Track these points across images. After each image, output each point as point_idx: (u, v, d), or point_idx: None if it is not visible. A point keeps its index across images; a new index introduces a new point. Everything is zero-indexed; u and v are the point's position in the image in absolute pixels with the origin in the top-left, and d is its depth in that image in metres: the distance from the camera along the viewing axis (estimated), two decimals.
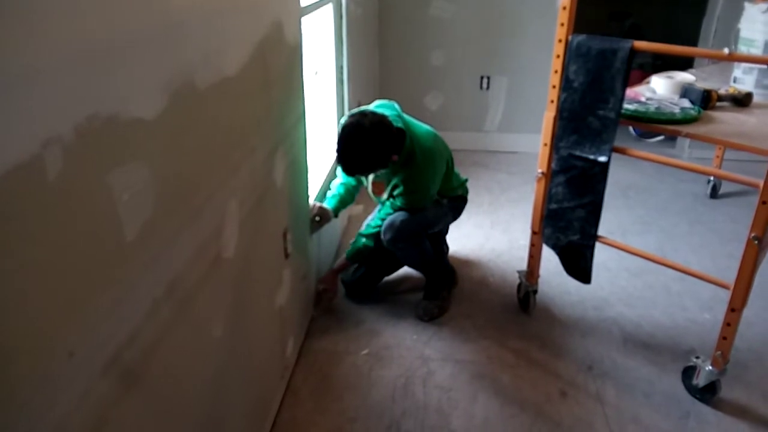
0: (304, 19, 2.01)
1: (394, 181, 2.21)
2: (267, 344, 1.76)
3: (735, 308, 1.77)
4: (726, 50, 1.65)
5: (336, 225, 2.78)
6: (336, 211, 2.33)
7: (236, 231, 1.38)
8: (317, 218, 2.25)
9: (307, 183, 2.12)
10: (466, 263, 2.72)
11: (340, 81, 2.84)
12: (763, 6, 2.23)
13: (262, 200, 1.59)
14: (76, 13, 0.75)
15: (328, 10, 2.64)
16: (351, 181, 2.37)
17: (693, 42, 3.89)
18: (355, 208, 3.18)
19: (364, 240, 2.31)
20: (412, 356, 2.11)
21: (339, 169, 2.34)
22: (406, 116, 2.22)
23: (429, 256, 2.33)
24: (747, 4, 2.37)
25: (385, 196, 2.28)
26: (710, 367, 1.86)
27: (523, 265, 2.33)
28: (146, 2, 0.92)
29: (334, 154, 2.33)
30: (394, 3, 3.86)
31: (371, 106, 2.19)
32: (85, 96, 0.78)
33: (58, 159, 0.72)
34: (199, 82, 1.13)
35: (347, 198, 2.39)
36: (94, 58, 0.79)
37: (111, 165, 0.84)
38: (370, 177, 2.28)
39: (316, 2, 2.31)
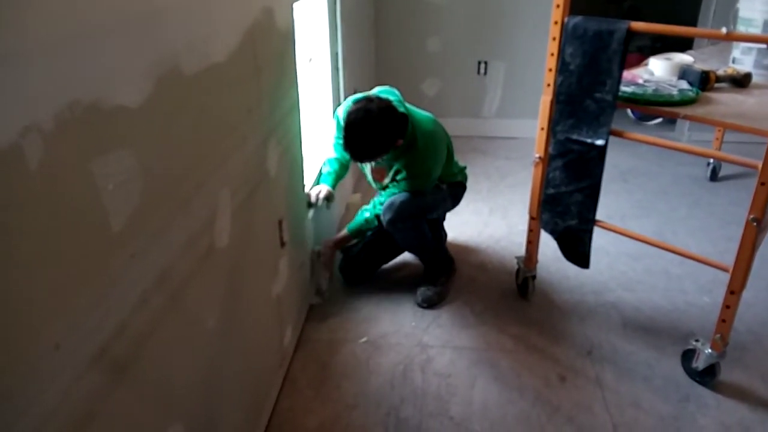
0: (297, 5, 1.98)
1: (395, 167, 2.19)
2: (264, 334, 1.75)
3: (734, 291, 1.76)
4: (724, 29, 1.62)
5: (334, 213, 2.77)
6: (334, 188, 2.34)
7: (229, 221, 1.36)
8: (327, 202, 2.27)
9: (302, 171, 2.10)
10: (465, 250, 2.71)
11: (335, 68, 2.82)
12: None
13: (256, 190, 1.57)
14: None
15: None
16: (346, 155, 2.30)
17: (692, 24, 3.85)
18: (352, 197, 3.16)
19: (367, 215, 2.30)
20: (411, 343, 2.11)
21: (334, 146, 2.32)
22: (406, 103, 2.21)
23: (427, 240, 2.32)
24: None
25: (386, 181, 2.26)
26: (709, 350, 1.85)
27: (522, 251, 2.32)
28: None
29: (333, 140, 2.31)
30: None
31: (373, 92, 2.18)
32: (65, 82, 0.76)
33: (38, 148, 0.71)
34: (186, 69, 1.11)
35: (343, 173, 2.40)
36: (74, 43, 0.77)
37: (94, 154, 0.83)
38: (371, 164, 2.27)
39: None
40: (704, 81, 2.00)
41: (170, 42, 1.05)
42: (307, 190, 2.22)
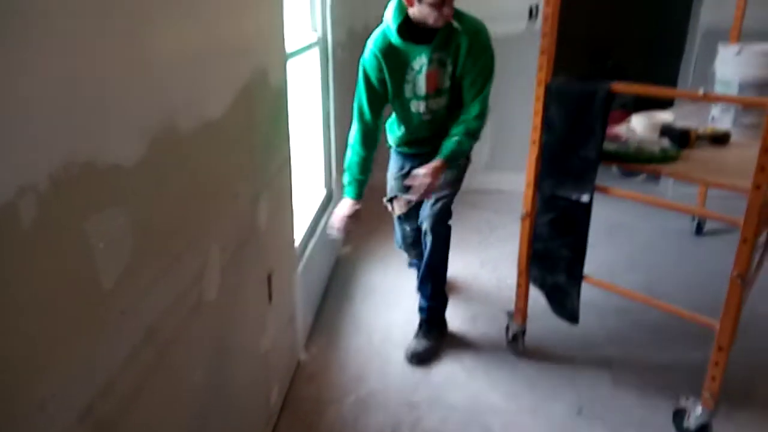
0: (291, 63, 2.04)
1: (449, 68, 2.06)
2: (251, 391, 1.72)
3: (722, 347, 1.76)
4: (701, 91, 1.69)
5: (324, 266, 2.77)
6: (361, 196, 2.24)
7: (218, 277, 1.37)
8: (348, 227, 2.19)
9: (292, 225, 2.12)
10: (455, 303, 2.70)
11: (326, 125, 2.88)
12: (735, 48, 2.30)
13: (245, 245, 1.58)
14: (54, 56, 0.75)
15: (315, 54, 2.69)
16: (362, 150, 2.24)
17: (673, 81, 3.99)
18: (343, 249, 3.17)
19: (455, 138, 2.09)
20: (399, 402, 2.07)
21: (351, 135, 2.26)
22: None
23: (447, 262, 2.36)
24: (720, 47, 2.44)
25: (444, 85, 2.10)
26: (700, 409, 1.84)
27: (512, 305, 2.32)
28: (129, 47, 0.93)
29: (355, 106, 2.24)
30: None
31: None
32: (62, 142, 0.78)
33: (32, 207, 0.72)
34: (182, 128, 1.13)
35: (364, 177, 2.26)
36: (73, 103, 0.79)
37: (88, 212, 0.84)
38: (423, 69, 2.06)
39: (303, 47, 2.36)
40: (684, 139, 2.07)
41: (168, 101, 1.08)
42: (296, 244, 2.22)
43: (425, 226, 2.26)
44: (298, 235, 2.30)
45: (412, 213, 2.32)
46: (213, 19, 1.30)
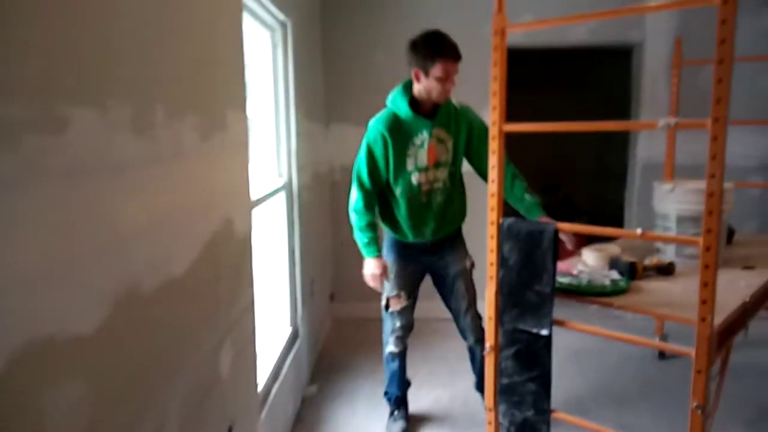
0: (256, 211, 2.13)
1: (453, 139, 2.42)
2: None
3: None
4: (639, 231, 1.82)
5: (288, 410, 2.68)
6: (380, 251, 2.44)
7: None
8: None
9: (255, 371, 2.08)
10: None
11: (291, 263, 2.93)
12: (668, 186, 2.51)
13: (207, 396, 1.55)
14: (27, 233, 0.79)
15: (281, 197, 2.81)
16: (368, 213, 2.45)
17: (621, 210, 4.25)
18: (308, 389, 3.09)
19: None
20: None
21: (353, 201, 2.47)
22: None
23: None
24: (656, 185, 2.66)
25: (444, 158, 2.42)
26: None
27: None
28: (96, 222, 0.99)
29: (357, 176, 2.49)
30: (347, 183, 4.13)
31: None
32: (24, 324, 0.80)
33: None
34: (144, 288, 1.16)
35: (377, 235, 2.46)
36: (35, 282, 0.82)
37: (43, 389, 0.84)
38: (425, 143, 2.37)
39: (268, 194, 2.47)
40: (633, 271, 2.18)
41: (131, 265, 1.12)
42: (259, 388, 2.16)
43: (471, 341, 2.56)
44: (262, 379, 2.25)
45: (406, 310, 2.56)
46: (185, 182, 1.38)
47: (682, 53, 3.42)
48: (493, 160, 2.02)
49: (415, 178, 2.42)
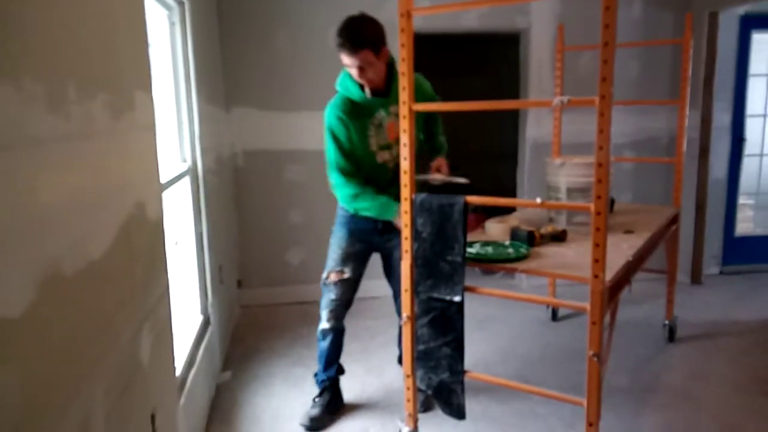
0: (166, 194, 2.06)
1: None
2: None
3: (592, 422, 1.94)
4: (538, 200, 1.99)
5: (203, 399, 2.63)
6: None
7: (103, 425, 1.28)
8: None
9: (173, 356, 2.03)
10: (345, 416, 2.68)
11: (200, 248, 2.86)
12: (558, 161, 2.74)
13: (130, 383, 1.50)
14: None
15: (186, 182, 2.72)
16: (366, 187, 2.46)
17: (513, 185, 4.54)
18: (222, 375, 3.04)
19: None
20: None
21: (344, 187, 2.46)
22: None
23: None
24: (547, 160, 2.88)
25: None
26: None
27: (402, 410, 2.37)
28: (15, 199, 0.93)
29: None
30: (251, 168, 4.08)
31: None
32: None
33: None
34: (67, 270, 1.12)
35: (380, 192, 2.49)
36: None
37: None
38: (384, 122, 2.44)
39: (175, 177, 2.40)
40: (531, 239, 2.37)
41: (53, 245, 1.07)
42: (177, 372, 2.12)
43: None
44: (178, 367, 2.20)
45: (344, 283, 2.61)
46: (99, 162, 1.33)
47: (564, 39, 3.70)
48: (404, 138, 2.10)
49: (380, 158, 2.50)
